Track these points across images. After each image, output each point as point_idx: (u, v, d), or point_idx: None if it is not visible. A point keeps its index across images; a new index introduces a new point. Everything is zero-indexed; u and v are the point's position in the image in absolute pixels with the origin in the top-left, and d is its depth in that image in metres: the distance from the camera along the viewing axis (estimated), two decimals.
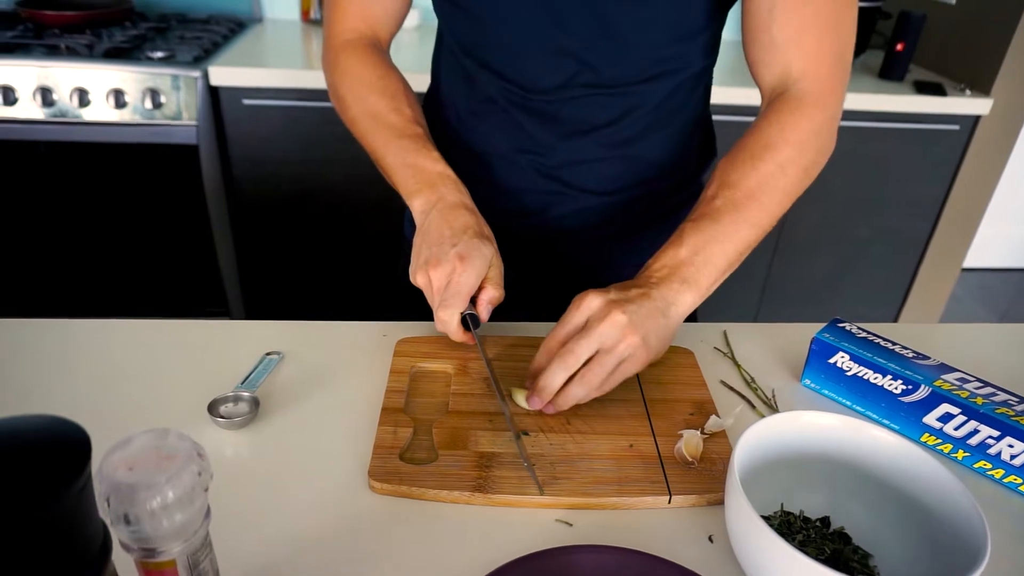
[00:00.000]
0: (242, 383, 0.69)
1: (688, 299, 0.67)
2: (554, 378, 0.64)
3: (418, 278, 0.71)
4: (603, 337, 0.63)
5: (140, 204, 1.81)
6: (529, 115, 0.82)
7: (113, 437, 0.41)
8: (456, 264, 0.68)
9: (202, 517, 0.41)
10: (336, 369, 0.74)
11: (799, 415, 0.58)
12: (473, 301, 0.71)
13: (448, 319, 0.69)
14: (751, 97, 1.80)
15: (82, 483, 0.32)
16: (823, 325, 0.77)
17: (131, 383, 0.70)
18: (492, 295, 0.71)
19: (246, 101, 1.75)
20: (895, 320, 2.37)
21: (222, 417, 0.65)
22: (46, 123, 1.67)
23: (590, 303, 0.65)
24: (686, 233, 0.69)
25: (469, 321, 0.70)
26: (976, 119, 2.02)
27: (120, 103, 1.66)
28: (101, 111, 1.67)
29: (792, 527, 0.57)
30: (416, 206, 0.74)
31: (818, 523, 0.58)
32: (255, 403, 0.66)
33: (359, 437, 0.65)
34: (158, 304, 1.96)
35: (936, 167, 2.09)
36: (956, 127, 2.02)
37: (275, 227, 1.93)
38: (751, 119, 0.76)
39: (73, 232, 1.83)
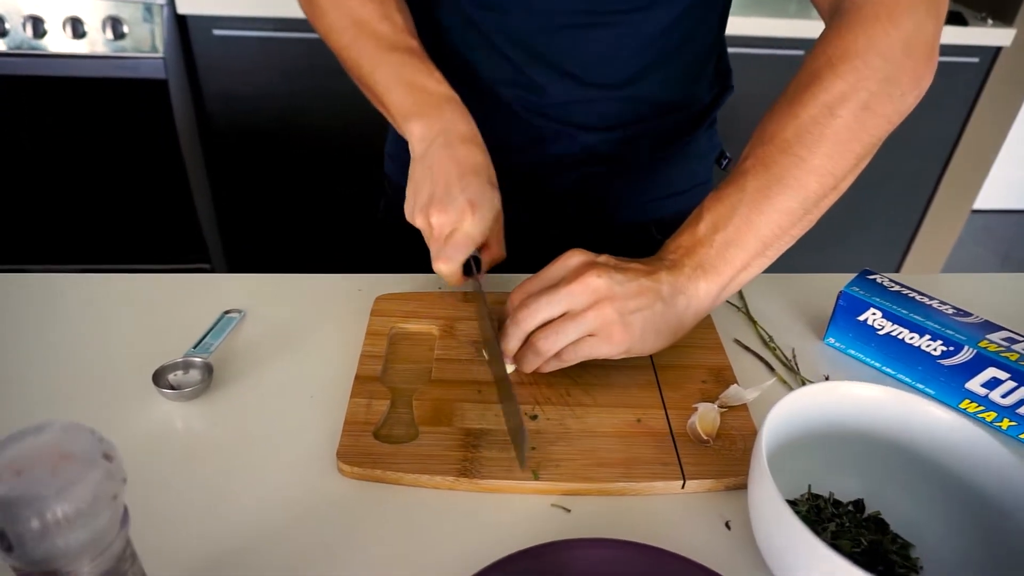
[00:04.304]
0: (194, 347, 0.61)
1: (704, 288, 0.57)
2: (508, 341, 0.57)
3: (417, 219, 0.63)
4: (571, 299, 0.54)
5: (107, 144, 1.69)
6: (516, 49, 0.73)
7: (35, 414, 0.33)
8: (466, 212, 0.60)
9: (116, 528, 0.33)
10: (304, 330, 0.66)
11: (836, 386, 0.50)
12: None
13: (449, 273, 0.62)
14: (769, 27, 1.65)
15: None
16: (848, 276, 0.68)
17: (66, 347, 0.62)
18: (496, 255, 0.65)
19: (217, 31, 1.62)
20: (899, 265, 2.29)
21: (170, 387, 0.57)
22: None
23: (569, 259, 0.57)
24: (706, 206, 0.58)
25: (473, 264, 0.63)
26: (997, 50, 1.90)
27: (79, 33, 1.53)
28: (59, 42, 1.54)
29: (822, 513, 0.50)
30: (416, 132, 0.64)
31: (850, 507, 0.51)
32: (208, 370, 0.58)
33: (328, 411, 0.57)
34: (133, 253, 1.86)
35: (951, 104, 1.98)
36: (975, 59, 1.90)
37: (254, 168, 1.82)
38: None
39: (36, 175, 1.71)
